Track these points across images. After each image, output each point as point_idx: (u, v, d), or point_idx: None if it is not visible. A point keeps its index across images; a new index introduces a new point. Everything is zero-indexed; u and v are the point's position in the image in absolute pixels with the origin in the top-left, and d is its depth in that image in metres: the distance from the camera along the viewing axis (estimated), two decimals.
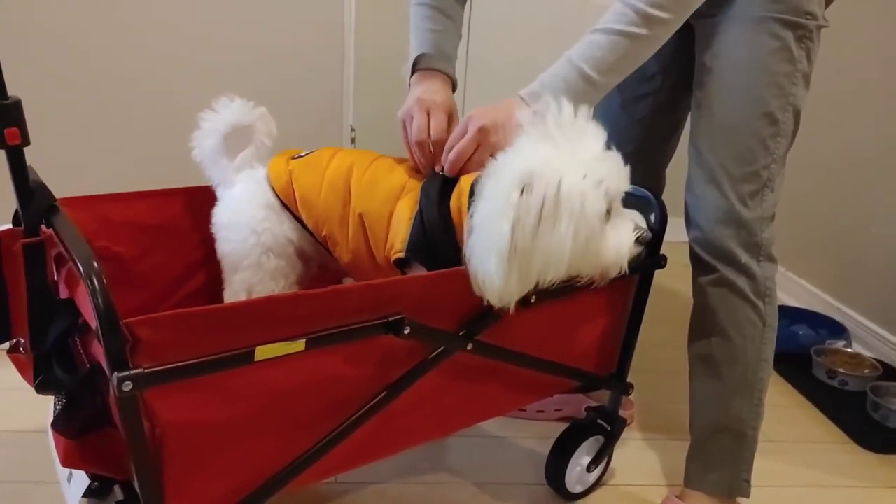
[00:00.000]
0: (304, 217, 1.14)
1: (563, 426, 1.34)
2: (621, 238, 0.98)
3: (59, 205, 0.92)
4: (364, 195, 1.09)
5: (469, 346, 1.01)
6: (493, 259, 0.91)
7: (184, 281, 1.29)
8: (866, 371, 1.87)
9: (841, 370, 1.84)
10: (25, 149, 0.84)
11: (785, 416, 1.74)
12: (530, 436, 1.52)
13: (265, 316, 0.81)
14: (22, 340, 0.90)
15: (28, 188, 0.85)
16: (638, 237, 1.00)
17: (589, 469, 1.33)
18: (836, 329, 2.08)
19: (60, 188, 0.97)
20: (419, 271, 1.03)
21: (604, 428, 1.32)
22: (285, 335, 0.83)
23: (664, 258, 1.23)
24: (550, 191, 0.90)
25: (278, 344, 0.82)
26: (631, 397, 1.53)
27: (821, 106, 2.20)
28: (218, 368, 0.78)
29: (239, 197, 1.15)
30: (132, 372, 0.72)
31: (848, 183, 2.20)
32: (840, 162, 2.23)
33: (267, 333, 0.82)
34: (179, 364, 0.75)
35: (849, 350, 1.98)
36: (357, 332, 0.88)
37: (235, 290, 1.14)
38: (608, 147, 0.97)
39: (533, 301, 1.03)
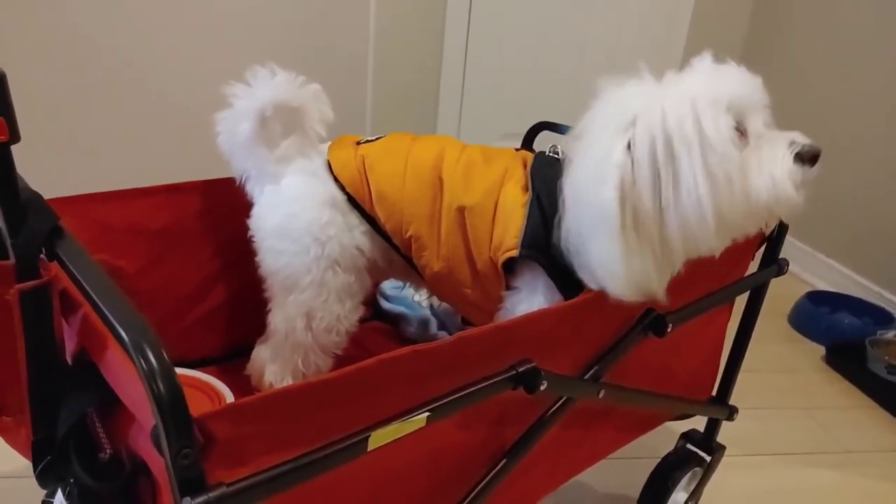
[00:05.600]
0: (381, 216, 0.89)
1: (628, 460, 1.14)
2: (771, 157, 0.73)
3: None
4: (462, 186, 0.85)
5: (601, 394, 0.79)
6: (600, 239, 0.71)
7: (200, 297, 1.04)
8: None
9: None
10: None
11: (851, 420, 1.59)
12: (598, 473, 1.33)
13: (378, 383, 0.58)
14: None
15: (19, 205, 0.58)
16: (798, 152, 0.74)
17: None
18: (882, 317, 1.94)
19: (41, 186, 0.70)
20: (530, 275, 0.81)
21: (702, 458, 1.14)
22: (399, 405, 0.60)
23: (786, 262, 1.04)
24: (658, 131, 0.70)
25: (396, 425, 0.59)
26: None
27: (871, 93, 2.04)
28: (321, 469, 0.55)
29: (293, 193, 0.89)
30: (213, 495, 0.48)
31: (883, 156, 2.05)
32: (874, 142, 2.07)
33: (376, 406, 0.59)
34: (274, 472, 0.52)
35: None
36: (483, 391, 0.66)
37: (290, 316, 0.90)
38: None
39: (669, 329, 0.82)
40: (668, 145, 0.70)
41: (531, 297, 0.83)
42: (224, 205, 1.01)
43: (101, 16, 1.80)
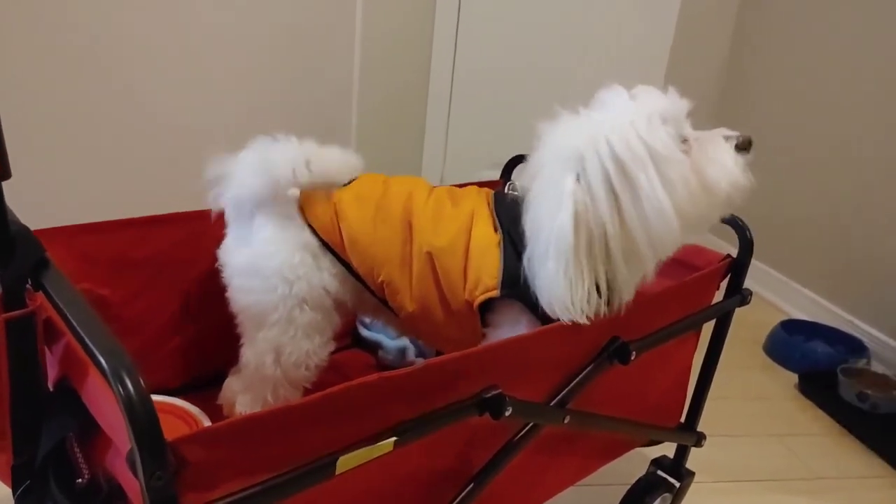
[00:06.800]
0: (353, 261, 0.92)
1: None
2: (717, 153, 0.81)
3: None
4: (431, 229, 0.88)
5: (566, 420, 0.82)
6: (550, 263, 0.77)
7: (181, 324, 1.06)
8: (895, 392, 1.78)
9: (871, 392, 1.74)
10: None
11: (822, 447, 1.62)
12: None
13: (345, 409, 0.61)
14: None
15: (8, 237, 0.61)
16: (736, 144, 0.83)
17: None
18: (855, 346, 1.98)
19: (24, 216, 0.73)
20: (512, 313, 0.84)
21: (671, 484, 1.16)
22: (366, 430, 0.63)
23: (749, 292, 1.08)
24: (606, 159, 0.77)
25: (363, 450, 0.62)
26: None
27: (829, 113, 2.11)
28: (290, 492, 0.58)
29: (264, 235, 0.91)
30: None
31: (858, 189, 2.11)
32: (848, 171, 2.14)
33: (344, 431, 0.62)
34: (243, 494, 0.55)
35: (875, 370, 1.89)
36: (449, 416, 0.69)
37: (260, 351, 0.92)
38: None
39: (633, 357, 0.86)
40: (622, 169, 0.77)
41: (514, 333, 0.86)
42: (206, 235, 1.03)
43: (86, 39, 1.82)
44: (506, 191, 0.92)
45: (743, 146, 0.83)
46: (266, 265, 0.90)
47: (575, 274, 0.77)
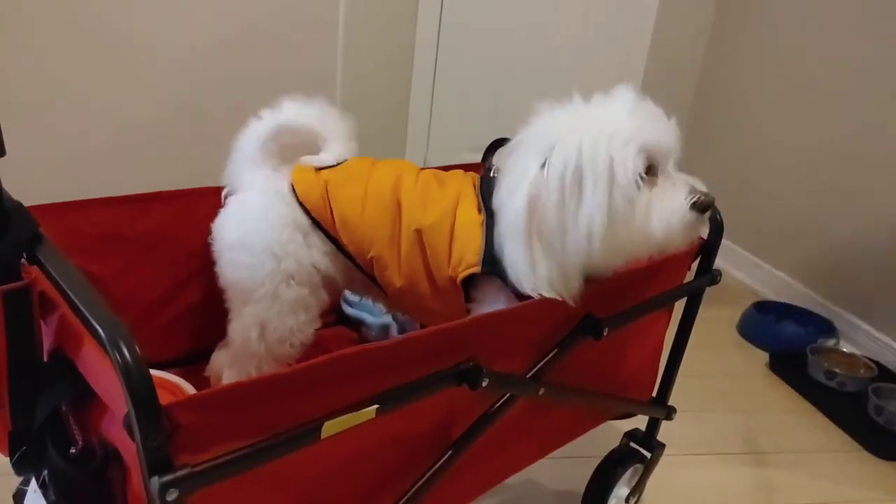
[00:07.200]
0: (344, 239, 0.95)
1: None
2: (671, 204, 0.81)
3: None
4: (418, 208, 0.92)
5: (541, 391, 0.86)
6: (512, 243, 0.81)
7: (170, 300, 1.09)
8: (862, 371, 1.85)
9: (839, 371, 1.81)
10: None
11: (790, 423, 1.68)
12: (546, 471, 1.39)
13: (329, 379, 0.64)
14: None
15: (3, 212, 0.64)
16: (694, 202, 0.82)
17: (627, 501, 1.22)
18: (824, 326, 2.05)
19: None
20: (492, 289, 0.88)
21: (643, 455, 1.21)
22: (349, 398, 0.67)
23: (719, 273, 1.12)
24: (570, 160, 0.78)
25: (347, 416, 0.65)
26: None
27: (807, 96, 2.16)
28: (278, 454, 0.61)
29: (255, 212, 0.94)
30: (179, 474, 0.54)
31: (830, 174, 2.17)
32: (820, 157, 2.19)
33: (329, 399, 0.65)
34: (233, 455, 0.58)
35: (843, 350, 1.95)
36: (429, 386, 0.73)
37: (246, 325, 0.95)
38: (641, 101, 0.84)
39: (606, 333, 0.90)
40: (577, 174, 0.79)
41: (495, 308, 0.89)
42: (194, 214, 1.06)
43: (75, 32, 1.83)
44: (491, 174, 0.95)
45: (701, 207, 0.83)
46: (255, 241, 0.93)
47: (533, 254, 0.80)
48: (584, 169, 0.78)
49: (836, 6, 2.11)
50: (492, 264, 0.86)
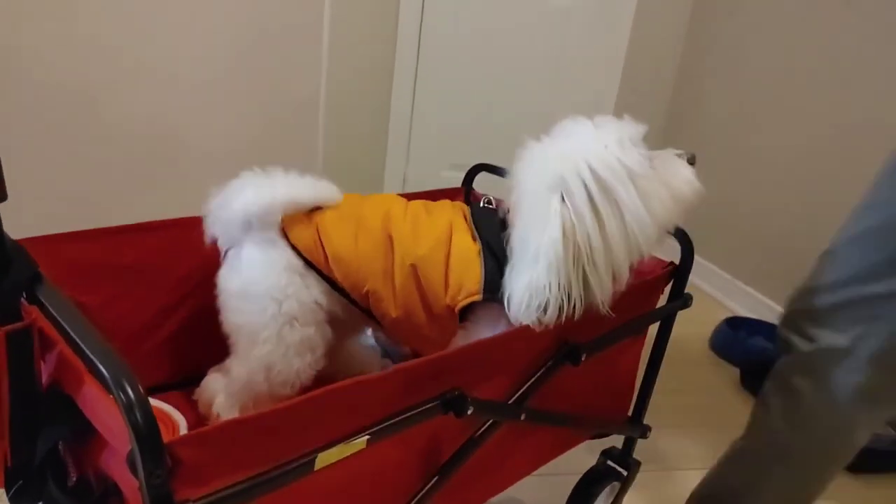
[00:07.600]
0: (338, 276, 0.98)
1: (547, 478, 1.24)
2: (677, 168, 0.94)
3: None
4: (409, 240, 0.95)
5: (523, 417, 0.90)
6: (538, 268, 0.87)
7: (155, 327, 1.10)
8: None
9: None
10: None
11: None
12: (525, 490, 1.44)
13: (323, 411, 0.67)
14: None
15: (5, 254, 0.66)
16: (687, 160, 0.96)
17: None
18: None
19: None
20: (491, 314, 0.92)
21: (620, 473, 1.25)
22: (342, 430, 0.69)
23: (690, 297, 1.17)
24: (588, 181, 0.87)
25: (339, 447, 0.68)
26: None
27: (778, 114, 2.24)
28: (274, 486, 0.64)
29: (252, 262, 0.97)
30: None
31: (801, 191, 2.24)
32: (790, 175, 2.27)
33: (321, 432, 0.68)
34: (232, 490, 0.60)
35: None
36: (417, 415, 0.76)
37: (252, 368, 0.97)
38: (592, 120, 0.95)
39: (584, 358, 0.94)
40: (604, 187, 0.87)
41: (493, 331, 0.93)
42: (183, 243, 1.08)
43: (66, 58, 1.84)
44: (482, 205, 1.02)
45: (691, 162, 0.97)
46: (255, 290, 0.96)
47: (562, 282, 0.86)
48: (605, 181, 0.87)
49: (805, 27, 2.20)
50: (492, 291, 0.91)
